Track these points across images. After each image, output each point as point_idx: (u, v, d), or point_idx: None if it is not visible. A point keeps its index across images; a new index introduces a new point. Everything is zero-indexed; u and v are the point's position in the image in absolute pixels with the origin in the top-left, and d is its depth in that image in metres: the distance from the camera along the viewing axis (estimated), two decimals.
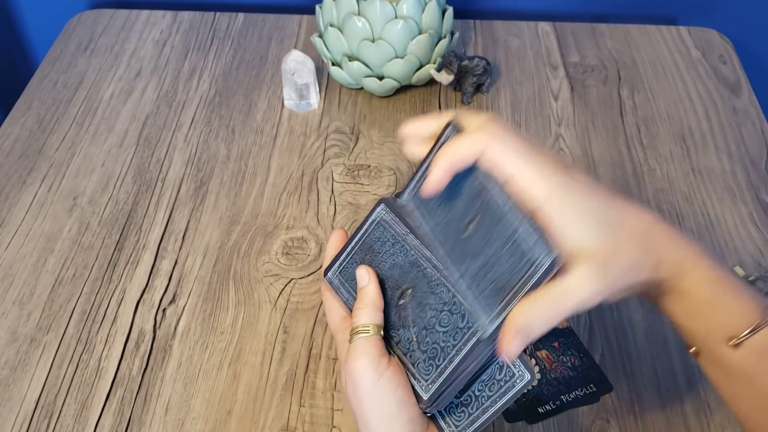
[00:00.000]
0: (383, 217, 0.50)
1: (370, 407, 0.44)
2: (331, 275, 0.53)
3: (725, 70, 0.88)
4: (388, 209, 0.50)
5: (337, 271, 0.53)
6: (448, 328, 0.46)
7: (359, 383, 0.44)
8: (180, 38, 0.93)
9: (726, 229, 0.71)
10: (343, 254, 0.52)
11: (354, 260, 0.52)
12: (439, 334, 0.46)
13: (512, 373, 0.44)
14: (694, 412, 0.57)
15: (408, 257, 0.48)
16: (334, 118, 0.82)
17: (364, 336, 0.46)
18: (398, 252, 0.49)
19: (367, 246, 0.51)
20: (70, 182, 0.75)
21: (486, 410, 0.46)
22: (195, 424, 0.57)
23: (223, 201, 0.73)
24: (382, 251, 0.50)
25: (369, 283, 0.48)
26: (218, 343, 0.62)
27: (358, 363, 0.44)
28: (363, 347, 0.45)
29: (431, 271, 0.47)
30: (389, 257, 0.50)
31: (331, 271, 0.53)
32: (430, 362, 0.46)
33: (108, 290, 0.66)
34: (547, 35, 0.93)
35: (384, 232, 0.50)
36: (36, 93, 0.86)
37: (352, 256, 0.52)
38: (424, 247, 0.48)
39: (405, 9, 0.76)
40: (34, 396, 0.59)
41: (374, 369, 0.44)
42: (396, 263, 0.49)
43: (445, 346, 0.45)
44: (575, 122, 0.82)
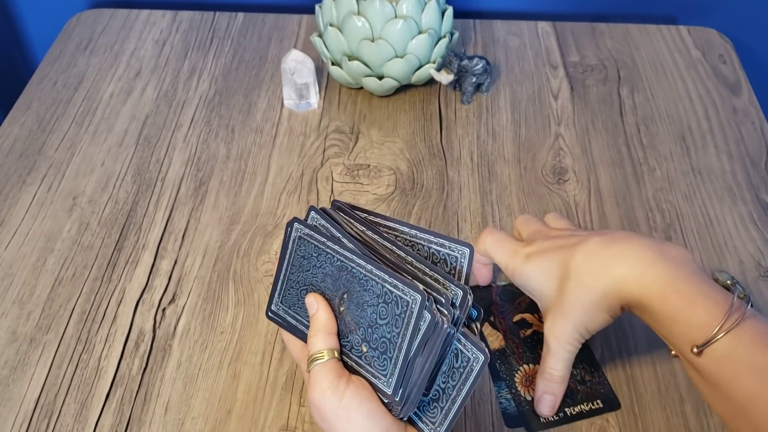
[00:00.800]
0: (301, 233, 0.51)
1: (341, 429, 0.45)
2: (275, 308, 0.53)
3: (725, 70, 0.88)
4: (301, 225, 0.51)
5: (278, 301, 0.53)
6: (388, 318, 0.46)
7: (324, 408, 0.45)
8: (180, 38, 0.93)
9: (726, 228, 0.71)
10: (278, 282, 0.53)
11: (291, 283, 0.52)
12: (383, 327, 0.46)
13: (467, 358, 0.45)
14: (694, 412, 0.57)
15: (334, 263, 0.49)
16: (334, 117, 0.82)
17: (320, 362, 0.47)
18: (325, 262, 0.50)
19: (297, 266, 0.52)
20: (69, 182, 0.75)
21: (455, 400, 0.46)
22: (195, 424, 0.57)
23: (223, 201, 0.73)
24: (311, 266, 0.51)
25: (318, 310, 0.49)
26: (218, 342, 0.62)
27: (318, 389, 0.45)
28: (320, 374, 0.46)
29: (358, 270, 0.47)
30: (318, 270, 0.50)
31: (273, 305, 0.54)
32: (383, 357, 0.46)
33: (108, 290, 0.66)
34: (546, 35, 0.93)
35: (306, 247, 0.51)
36: (36, 93, 0.86)
37: (288, 278, 0.52)
38: (345, 249, 0.48)
39: (405, 8, 0.76)
40: (34, 396, 0.59)
41: (334, 391, 0.45)
42: (326, 273, 0.50)
43: (392, 336, 0.46)
44: (575, 122, 0.82)
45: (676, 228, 0.71)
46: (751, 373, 0.44)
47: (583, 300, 0.51)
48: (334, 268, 0.49)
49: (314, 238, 0.50)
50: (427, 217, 0.72)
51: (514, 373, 0.59)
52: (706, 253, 0.68)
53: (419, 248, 0.50)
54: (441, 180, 0.75)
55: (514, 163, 0.77)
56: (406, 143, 0.79)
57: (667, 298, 0.47)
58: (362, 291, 0.47)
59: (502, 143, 0.79)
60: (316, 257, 0.50)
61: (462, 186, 0.75)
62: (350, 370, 0.48)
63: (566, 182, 0.75)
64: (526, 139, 0.80)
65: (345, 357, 0.49)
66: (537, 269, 0.54)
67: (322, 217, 0.51)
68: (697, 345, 0.45)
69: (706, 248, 0.69)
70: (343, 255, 0.48)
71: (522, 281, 0.55)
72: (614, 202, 0.73)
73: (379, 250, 0.48)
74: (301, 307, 0.52)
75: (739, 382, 0.44)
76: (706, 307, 0.46)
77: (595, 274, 0.50)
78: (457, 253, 0.49)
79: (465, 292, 0.45)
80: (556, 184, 0.75)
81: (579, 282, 0.51)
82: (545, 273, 0.53)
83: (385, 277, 0.46)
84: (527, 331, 0.62)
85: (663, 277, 0.48)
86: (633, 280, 0.49)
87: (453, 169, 0.76)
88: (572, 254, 0.52)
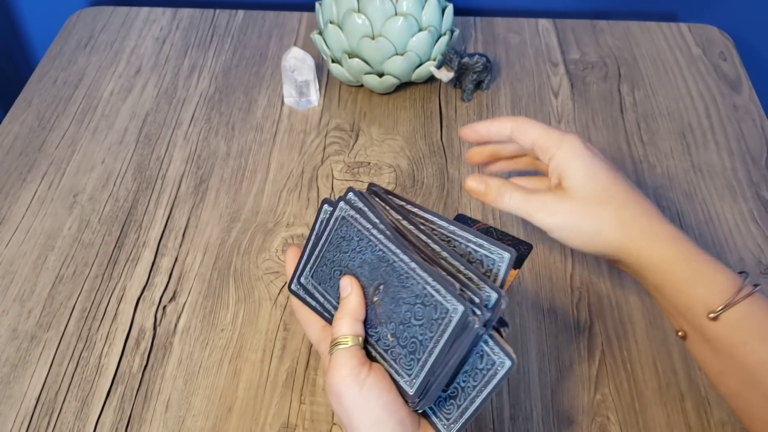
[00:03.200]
0: (345, 213, 0.49)
1: (357, 417, 0.44)
2: (304, 281, 0.52)
3: (725, 67, 0.88)
4: (348, 206, 0.49)
5: (309, 275, 0.52)
6: (423, 321, 0.45)
7: (343, 395, 0.45)
8: (180, 35, 0.93)
9: (726, 225, 0.71)
10: (312, 256, 0.51)
11: (324, 261, 0.51)
12: (416, 328, 0.45)
13: (493, 361, 0.44)
14: (695, 409, 0.57)
15: (375, 252, 0.48)
16: (334, 115, 0.82)
17: (344, 347, 0.46)
18: (365, 248, 0.48)
19: (335, 245, 0.50)
20: (70, 179, 0.75)
21: (473, 400, 0.46)
22: (195, 422, 0.57)
23: (224, 198, 0.73)
24: (349, 249, 0.49)
25: (351, 294, 0.48)
26: (218, 340, 0.62)
27: (339, 375, 0.45)
28: (342, 358, 0.46)
29: (400, 265, 0.46)
30: (357, 254, 0.49)
31: (302, 277, 0.52)
32: (411, 357, 0.46)
33: (108, 287, 0.66)
34: (547, 32, 0.93)
35: (349, 229, 0.49)
36: (36, 90, 0.86)
37: (323, 255, 0.51)
38: (389, 241, 0.47)
39: (405, 6, 0.76)
40: (35, 393, 0.59)
41: (355, 378, 0.45)
42: (365, 260, 0.48)
43: (423, 339, 0.45)
44: (575, 119, 0.82)
45: (676, 225, 0.70)
46: (764, 338, 0.46)
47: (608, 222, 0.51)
48: (374, 257, 0.48)
49: (359, 222, 0.49)
50: None
51: None
52: (707, 250, 0.68)
53: (455, 245, 0.49)
54: (441, 177, 0.75)
55: None
56: (407, 141, 0.79)
57: (692, 262, 0.49)
58: (400, 287, 0.46)
59: None
60: (357, 241, 0.49)
61: (462, 183, 0.74)
62: (371, 360, 0.48)
63: None
64: None
65: (369, 347, 0.48)
66: (587, 165, 0.53)
67: (360, 199, 0.49)
68: (715, 310, 0.47)
69: (707, 245, 0.69)
70: (386, 246, 0.47)
71: (564, 161, 0.53)
72: None
73: (414, 242, 0.47)
74: (332, 287, 0.50)
75: (753, 346, 0.46)
76: (726, 273, 0.48)
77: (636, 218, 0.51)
78: (495, 257, 0.47)
79: (500, 296, 0.44)
80: None
81: (619, 209, 0.51)
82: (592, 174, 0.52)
83: (428, 279, 0.45)
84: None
85: (692, 247, 0.50)
86: (669, 244, 0.50)
87: (453, 167, 0.76)
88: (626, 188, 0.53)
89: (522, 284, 0.66)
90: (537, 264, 0.67)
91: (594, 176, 0.52)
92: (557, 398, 0.58)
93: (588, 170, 0.52)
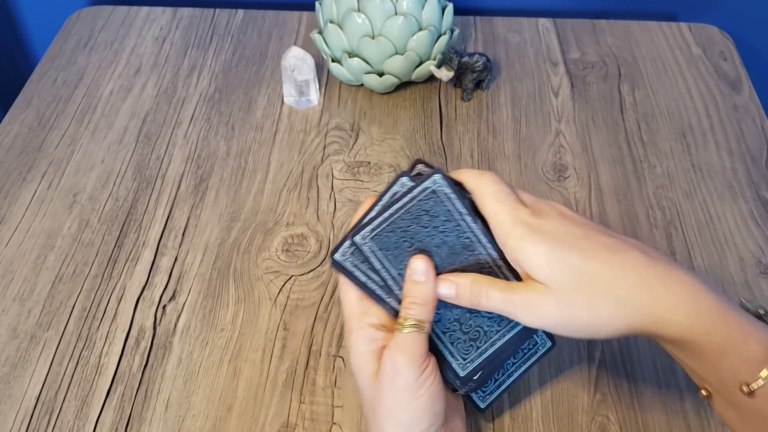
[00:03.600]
0: (440, 188, 0.46)
1: (404, 399, 0.45)
2: (359, 240, 0.46)
3: (726, 67, 0.88)
4: (445, 182, 0.46)
5: (368, 236, 0.46)
6: (494, 315, 0.46)
7: (400, 375, 0.44)
8: (179, 35, 0.93)
9: (726, 226, 0.70)
10: (377, 218, 0.46)
11: (394, 227, 0.46)
12: (484, 319, 0.47)
13: (535, 341, 0.47)
14: (694, 409, 0.57)
15: (461, 238, 0.46)
16: (334, 114, 0.82)
17: (418, 332, 0.45)
18: (450, 230, 0.46)
19: (413, 216, 0.46)
20: (69, 179, 0.75)
21: (511, 375, 0.49)
22: (195, 421, 0.57)
23: (223, 198, 0.73)
24: (431, 226, 0.46)
25: (428, 281, 0.46)
26: (218, 339, 0.62)
27: (405, 355, 0.45)
28: (414, 343, 0.45)
29: (485, 258, 0.46)
30: (440, 234, 0.46)
31: (358, 236, 0.46)
32: (470, 343, 0.46)
33: (108, 287, 0.66)
34: (547, 31, 0.93)
35: (437, 205, 0.46)
36: (35, 90, 0.86)
37: (394, 221, 0.46)
38: (481, 233, 0.46)
39: (405, 5, 0.76)
40: (35, 393, 0.59)
41: (418, 366, 0.45)
42: (446, 242, 0.46)
43: (489, 331, 0.46)
44: (575, 119, 0.82)
45: (676, 225, 0.70)
46: None
47: (603, 307, 0.43)
48: (458, 242, 0.46)
49: (451, 203, 0.46)
50: None
51: None
52: (707, 251, 0.68)
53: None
54: None
55: (515, 160, 0.77)
56: (407, 140, 0.79)
57: (717, 331, 0.42)
58: None
59: (503, 140, 0.79)
60: (443, 221, 0.46)
61: None
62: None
63: (566, 179, 0.75)
64: (526, 136, 0.80)
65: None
66: (546, 253, 0.44)
67: (448, 185, 0.46)
68: (749, 383, 0.41)
69: (707, 245, 0.69)
70: (476, 236, 0.46)
71: (517, 255, 0.45)
72: (615, 200, 0.73)
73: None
74: (396, 257, 0.47)
75: None
76: (758, 334, 0.42)
77: (633, 290, 0.43)
78: None
79: None
80: (557, 181, 0.75)
81: (608, 288, 0.43)
82: (556, 261, 0.44)
83: (511, 278, 0.46)
84: None
85: (713, 307, 0.42)
86: (682, 311, 0.43)
87: (453, 166, 0.76)
88: (609, 258, 0.44)
89: None
90: None
91: (562, 262, 0.43)
92: (557, 398, 0.58)
93: (550, 258, 0.44)
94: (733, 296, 0.65)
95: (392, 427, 0.45)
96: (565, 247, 0.44)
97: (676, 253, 0.68)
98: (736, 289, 0.65)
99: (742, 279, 0.66)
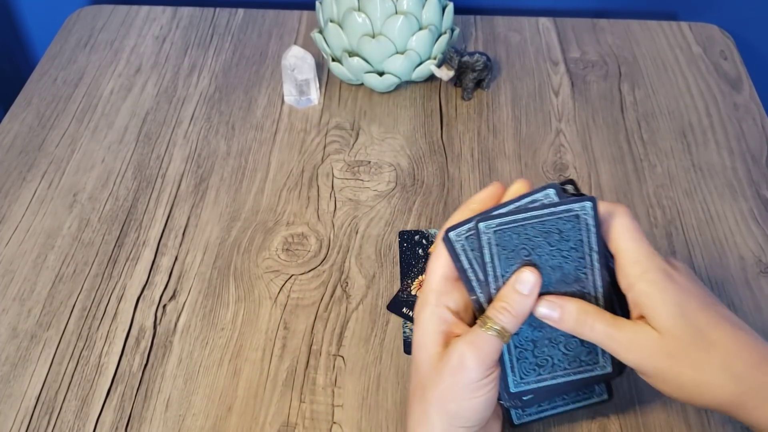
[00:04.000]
0: (585, 217, 0.44)
1: (459, 394, 0.45)
2: (484, 227, 0.44)
3: (726, 66, 0.88)
4: (594, 213, 0.44)
5: (492, 228, 0.45)
6: (571, 355, 0.46)
7: (465, 372, 0.44)
8: (180, 34, 0.93)
9: (726, 225, 0.70)
10: (511, 217, 0.45)
11: (522, 232, 0.45)
12: (559, 354, 0.46)
13: (596, 360, 0.46)
14: (695, 409, 0.57)
15: (578, 272, 0.45)
16: (335, 114, 0.82)
17: (498, 338, 0.45)
18: (573, 260, 0.45)
19: (545, 229, 0.45)
20: (70, 178, 0.75)
21: (556, 407, 0.48)
22: (195, 421, 0.57)
23: (224, 197, 0.73)
24: (556, 246, 0.45)
25: (531, 296, 0.45)
26: (218, 339, 0.62)
27: (477, 355, 0.44)
28: (491, 346, 0.44)
29: (590, 297, 0.46)
30: (560, 257, 0.45)
31: (483, 222, 0.44)
32: (535, 368, 0.46)
33: (108, 287, 0.66)
34: (547, 31, 0.93)
35: (573, 230, 0.45)
36: (36, 89, 0.86)
37: (523, 226, 0.45)
38: (600, 275, 0.45)
39: (405, 5, 0.76)
40: (35, 392, 0.59)
41: (486, 369, 0.44)
42: (562, 267, 0.45)
43: (558, 365, 0.46)
44: (576, 118, 0.82)
45: (676, 224, 0.70)
46: None
47: (714, 375, 0.43)
48: (574, 273, 0.45)
49: (589, 235, 0.44)
50: (428, 213, 0.71)
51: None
52: (707, 250, 0.68)
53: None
54: (441, 176, 0.75)
55: (515, 160, 0.77)
56: (407, 139, 0.79)
57: None
58: None
59: (503, 139, 0.79)
60: (570, 247, 0.44)
61: (463, 182, 0.74)
62: None
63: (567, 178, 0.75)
64: (526, 136, 0.80)
65: None
66: (676, 305, 0.44)
67: (594, 217, 0.44)
68: None
69: (707, 244, 0.69)
70: (594, 276, 0.45)
71: (643, 298, 0.44)
72: (615, 199, 0.73)
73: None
74: (507, 259, 0.45)
75: None
76: None
77: (751, 371, 0.43)
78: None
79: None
80: (557, 180, 0.75)
81: (725, 360, 0.43)
82: (682, 315, 0.44)
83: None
84: None
85: None
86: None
87: (453, 166, 0.76)
88: (732, 331, 0.44)
89: None
90: None
91: (687, 317, 0.43)
92: None
93: (678, 310, 0.44)
94: (733, 295, 0.65)
95: (438, 414, 0.45)
96: (695, 306, 0.44)
97: (676, 252, 0.68)
98: (737, 289, 0.65)
99: (742, 278, 0.66)
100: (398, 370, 0.60)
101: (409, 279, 0.66)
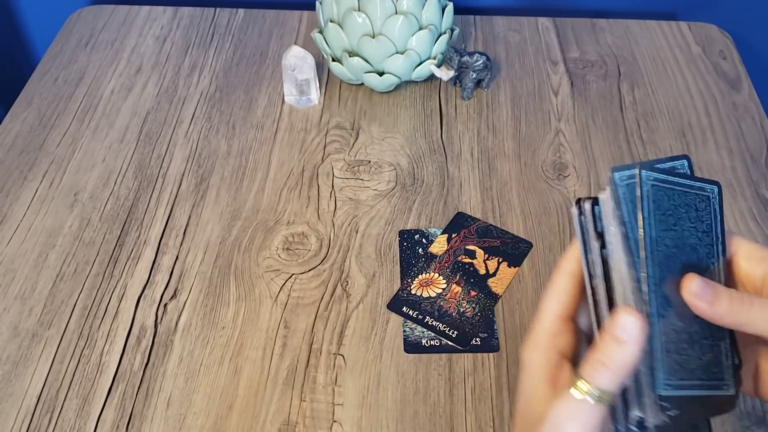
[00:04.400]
0: (714, 200, 0.40)
1: None
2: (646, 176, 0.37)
3: (725, 66, 0.88)
4: (720, 199, 0.40)
5: (651, 179, 0.38)
6: (704, 360, 0.38)
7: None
8: (180, 34, 0.93)
9: (726, 224, 0.70)
10: (667, 174, 0.39)
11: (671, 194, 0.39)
12: (695, 357, 0.38)
13: (722, 377, 0.38)
14: None
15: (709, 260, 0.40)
16: (335, 113, 0.82)
17: (595, 403, 0.36)
18: (705, 245, 0.40)
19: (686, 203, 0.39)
20: (71, 178, 0.75)
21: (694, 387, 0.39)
22: (196, 419, 0.57)
23: (224, 197, 0.73)
24: (695, 224, 0.39)
25: (633, 344, 0.35)
26: (219, 338, 0.62)
27: (573, 426, 0.37)
28: (595, 418, 0.37)
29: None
30: (696, 238, 0.39)
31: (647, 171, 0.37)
32: (676, 367, 0.37)
33: (109, 286, 0.66)
34: (547, 30, 0.93)
35: (705, 211, 0.40)
36: (37, 89, 0.86)
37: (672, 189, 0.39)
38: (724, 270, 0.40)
39: (405, 4, 0.76)
40: (36, 391, 0.59)
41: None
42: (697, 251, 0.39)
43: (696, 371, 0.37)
44: (575, 117, 0.82)
45: None
46: None
47: None
48: (705, 261, 0.39)
49: (717, 221, 0.40)
50: (428, 212, 0.72)
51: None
52: None
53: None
54: (441, 176, 0.75)
55: (515, 159, 0.77)
56: (407, 139, 0.79)
57: None
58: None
59: (503, 139, 0.79)
60: (704, 230, 0.39)
61: (462, 182, 0.75)
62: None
63: (566, 178, 0.75)
64: (526, 135, 0.80)
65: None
66: None
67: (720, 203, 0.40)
68: None
69: None
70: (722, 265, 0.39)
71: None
72: None
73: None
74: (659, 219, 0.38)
75: None
76: None
77: None
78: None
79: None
80: (557, 179, 0.75)
81: None
82: None
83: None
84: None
85: None
86: None
87: (453, 165, 0.76)
88: None
89: (522, 282, 0.66)
90: (537, 262, 0.67)
91: None
92: None
93: None
94: None
95: None
96: None
97: None
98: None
99: None
100: (398, 368, 0.60)
101: (409, 278, 0.66)
